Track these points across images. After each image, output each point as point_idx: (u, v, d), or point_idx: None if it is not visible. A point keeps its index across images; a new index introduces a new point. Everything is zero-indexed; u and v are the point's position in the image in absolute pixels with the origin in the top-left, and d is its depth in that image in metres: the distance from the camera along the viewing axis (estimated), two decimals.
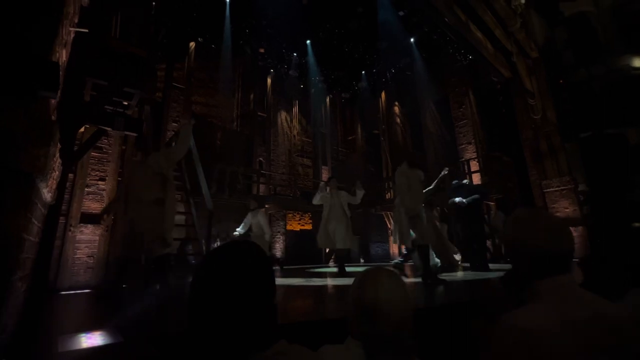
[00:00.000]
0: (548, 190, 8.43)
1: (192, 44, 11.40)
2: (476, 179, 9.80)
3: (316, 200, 5.71)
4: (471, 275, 5.04)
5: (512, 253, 0.89)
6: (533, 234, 0.83)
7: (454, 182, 6.63)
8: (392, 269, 0.89)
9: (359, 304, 0.86)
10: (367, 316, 0.84)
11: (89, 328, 1.90)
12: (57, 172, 1.90)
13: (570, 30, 9.70)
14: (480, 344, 0.89)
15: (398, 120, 14.29)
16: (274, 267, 2.90)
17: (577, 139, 9.19)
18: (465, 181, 6.61)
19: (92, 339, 1.68)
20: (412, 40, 11.95)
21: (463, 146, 11.45)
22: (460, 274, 5.21)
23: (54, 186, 1.96)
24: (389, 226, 11.84)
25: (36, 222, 1.73)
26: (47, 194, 1.78)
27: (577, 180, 8.35)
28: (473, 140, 11.19)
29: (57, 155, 1.80)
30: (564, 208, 8.10)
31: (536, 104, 8.84)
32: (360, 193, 5.65)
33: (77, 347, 1.58)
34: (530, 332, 0.72)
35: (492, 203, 9.75)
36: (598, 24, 9.41)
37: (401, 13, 10.50)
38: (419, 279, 4.02)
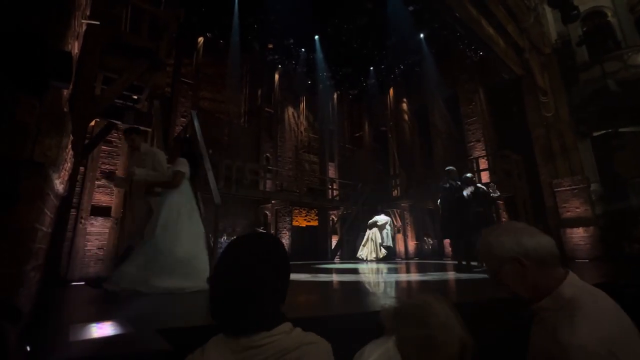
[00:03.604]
0: (559, 189, 8.28)
1: (201, 40, 11.42)
2: (485, 177, 9.67)
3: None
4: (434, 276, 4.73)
5: (523, 270, 0.87)
6: (537, 240, 0.86)
7: (447, 168, 5.92)
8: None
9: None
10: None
11: (99, 318, 1.92)
12: (69, 164, 1.92)
13: (585, 26, 9.48)
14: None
15: (406, 117, 14.16)
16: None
17: (590, 138, 9.01)
18: (468, 175, 5.90)
19: (103, 329, 1.69)
20: (421, 36, 11.80)
21: (472, 144, 11.30)
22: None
23: (66, 178, 1.98)
24: (396, 224, 11.78)
25: (48, 213, 1.75)
26: (59, 185, 1.79)
27: (590, 179, 8.18)
28: (482, 138, 11.04)
29: (70, 147, 1.82)
30: (575, 208, 7.96)
31: (548, 102, 8.67)
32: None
33: (88, 336, 1.60)
34: (610, 341, 0.70)
35: (501, 202, 9.63)
36: (614, 20, 9.17)
37: (411, 8, 10.35)
38: None
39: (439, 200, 5.72)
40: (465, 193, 5.40)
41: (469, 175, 5.70)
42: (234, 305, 0.69)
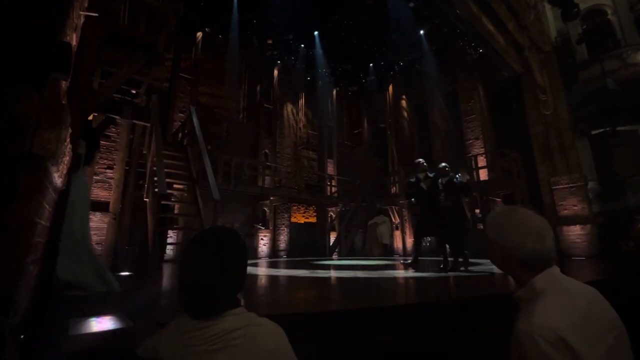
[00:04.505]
0: (557, 187, 8.31)
1: (200, 34, 11.33)
2: (483, 175, 9.70)
3: None
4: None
5: (503, 260, 0.89)
6: (521, 239, 0.85)
7: (416, 160, 5.52)
8: None
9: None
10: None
11: (99, 312, 1.92)
12: (68, 157, 1.91)
13: (585, 24, 9.47)
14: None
15: (405, 114, 14.15)
16: None
17: (588, 136, 9.04)
18: (442, 164, 5.35)
19: (102, 323, 1.70)
20: (421, 32, 11.75)
21: (470, 141, 11.32)
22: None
23: (65, 171, 1.96)
24: (394, 221, 11.81)
25: (47, 207, 1.74)
26: (57, 178, 1.78)
27: (587, 177, 8.21)
28: (481, 136, 11.05)
29: (68, 140, 1.80)
30: (573, 205, 7.99)
31: (547, 100, 8.68)
32: None
33: (88, 330, 1.60)
34: (560, 329, 0.70)
35: (499, 199, 9.66)
36: (614, 18, 9.16)
37: (411, 4, 10.30)
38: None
39: (413, 199, 5.33)
40: (439, 184, 5.03)
41: (442, 164, 5.29)
42: (197, 293, 0.75)
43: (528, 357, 0.71)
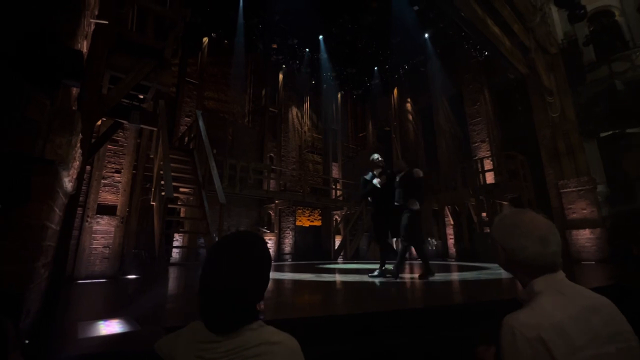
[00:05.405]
0: (565, 190, 8.20)
1: (205, 40, 11.47)
2: (490, 178, 9.61)
3: None
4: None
5: (506, 262, 0.90)
6: (523, 242, 0.85)
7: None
8: None
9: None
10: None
11: (107, 316, 1.93)
12: (78, 162, 1.94)
13: (592, 25, 9.40)
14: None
15: (410, 117, 14.12)
16: None
17: (597, 138, 8.93)
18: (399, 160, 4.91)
19: (110, 327, 1.71)
20: (426, 35, 11.76)
21: (477, 144, 11.24)
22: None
23: (75, 176, 2.00)
24: None
25: (58, 211, 1.77)
26: (68, 183, 1.81)
27: (596, 180, 8.10)
28: (487, 139, 10.97)
29: (79, 145, 1.83)
30: (582, 209, 7.88)
31: (554, 102, 8.60)
32: None
33: (96, 333, 1.61)
34: (542, 328, 0.71)
35: (505, 203, 9.57)
36: (622, 19, 9.08)
37: (416, 8, 10.32)
38: None
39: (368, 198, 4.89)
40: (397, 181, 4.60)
41: (398, 160, 4.94)
42: (217, 305, 0.70)
43: (504, 349, 0.74)
